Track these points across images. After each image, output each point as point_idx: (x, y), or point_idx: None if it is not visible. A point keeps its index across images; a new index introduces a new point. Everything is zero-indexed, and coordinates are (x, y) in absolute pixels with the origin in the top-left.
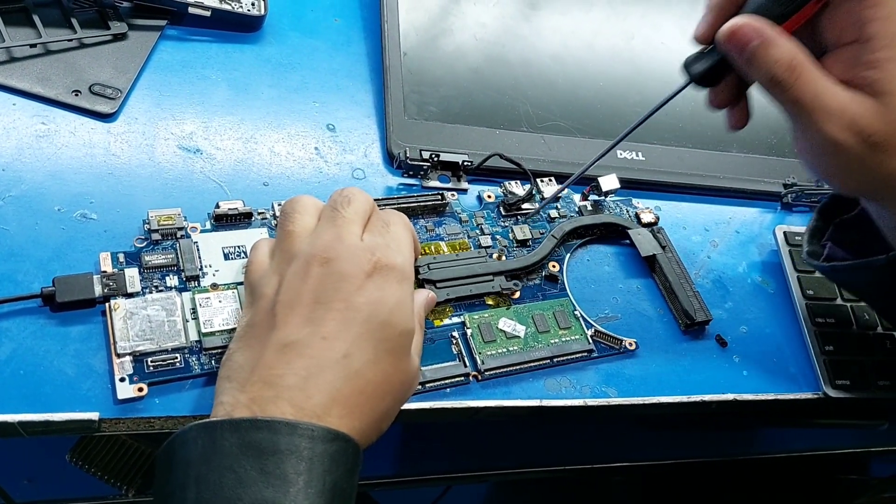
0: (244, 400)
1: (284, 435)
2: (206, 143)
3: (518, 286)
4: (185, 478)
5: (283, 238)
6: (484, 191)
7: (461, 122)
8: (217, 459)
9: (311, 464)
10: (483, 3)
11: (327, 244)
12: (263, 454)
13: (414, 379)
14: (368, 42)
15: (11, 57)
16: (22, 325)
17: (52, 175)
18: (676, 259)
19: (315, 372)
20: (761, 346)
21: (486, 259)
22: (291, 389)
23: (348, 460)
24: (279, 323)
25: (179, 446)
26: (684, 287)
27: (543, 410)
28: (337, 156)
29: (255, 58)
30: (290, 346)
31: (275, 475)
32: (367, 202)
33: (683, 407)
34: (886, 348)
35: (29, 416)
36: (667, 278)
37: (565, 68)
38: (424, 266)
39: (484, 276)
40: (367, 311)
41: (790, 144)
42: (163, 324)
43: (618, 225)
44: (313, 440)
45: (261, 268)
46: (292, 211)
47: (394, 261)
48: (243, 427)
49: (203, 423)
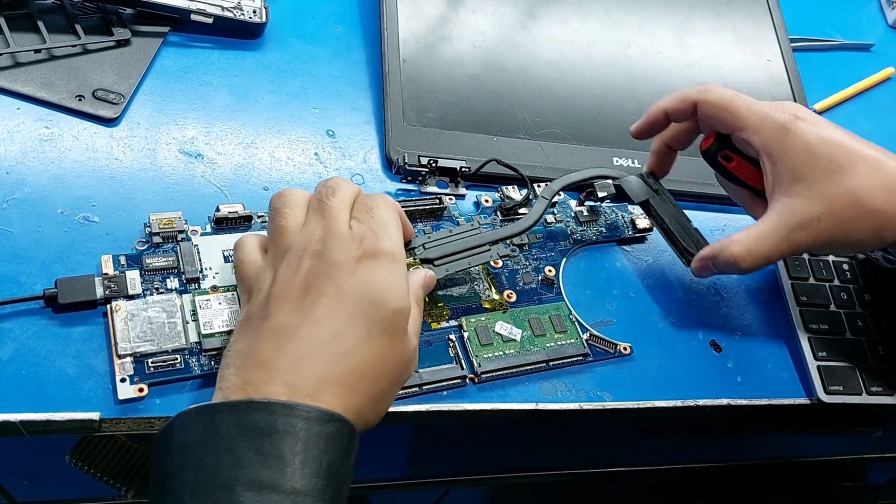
0: (239, 383)
1: (281, 416)
2: (207, 147)
3: (515, 252)
4: (184, 460)
5: (276, 233)
6: (481, 196)
7: (459, 128)
8: (214, 442)
9: (307, 444)
10: (481, 11)
11: (317, 236)
12: (260, 435)
13: (412, 358)
14: (368, 49)
15: (16, 62)
16: (24, 325)
17: (55, 178)
18: (670, 200)
19: (306, 353)
20: (755, 352)
21: (480, 231)
22: (283, 371)
23: (344, 442)
24: (272, 312)
25: (178, 429)
26: (682, 225)
27: (539, 414)
28: (336, 161)
29: (256, 64)
30: (281, 331)
31: (271, 456)
32: (351, 190)
33: (678, 411)
34: (879, 355)
35: (30, 416)
36: (663, 220)
37: (562, 76)
38: (420, 246)
39: (480, 247)
40: (358, 292)
41: None
42: (163, 325)
43: (607, 176)
44: (309, 421)
45: (253, 265)
46: (282, 206)
47: (381, 246)
48: (240, 409)
49: (201, 406)
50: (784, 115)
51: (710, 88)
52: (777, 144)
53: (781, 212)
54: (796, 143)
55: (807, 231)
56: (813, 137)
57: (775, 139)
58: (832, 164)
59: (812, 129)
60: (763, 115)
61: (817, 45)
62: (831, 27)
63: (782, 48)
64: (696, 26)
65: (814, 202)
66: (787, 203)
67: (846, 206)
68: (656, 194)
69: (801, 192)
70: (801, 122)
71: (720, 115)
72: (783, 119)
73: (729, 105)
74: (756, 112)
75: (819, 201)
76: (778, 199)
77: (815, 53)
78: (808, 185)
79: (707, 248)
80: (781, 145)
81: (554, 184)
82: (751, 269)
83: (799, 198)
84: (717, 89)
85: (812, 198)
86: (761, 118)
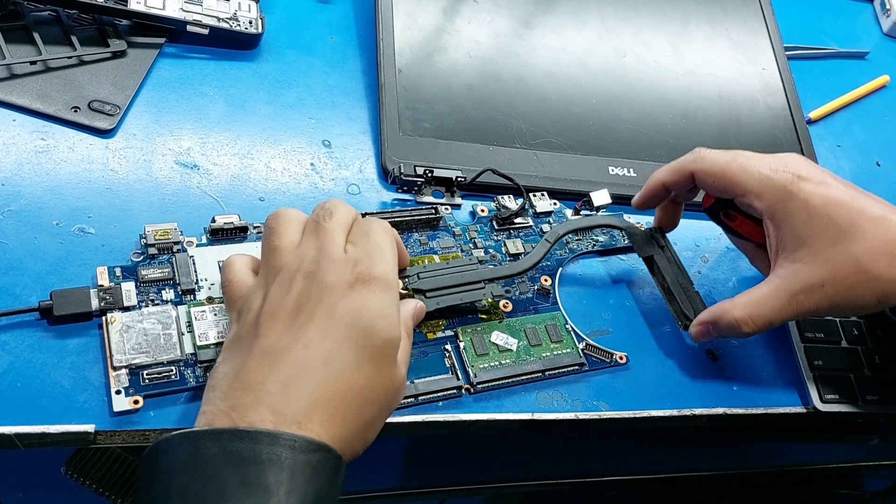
0: (224, 408)
1: (266, 445)
2: (203, 158)
3: (510, 293)
4: (169, 485)
5: (269, 253)
6: (477, 205)
7: (455, 138)
8: (199, 469)
9: (292, 474)
10: (477, 21)
11: (311, 257)
12: (245, 464)
13: (400, 387)
14: (364, 59)
15: (12, 73)
16: (20, 337)
17: (50, 190)
18: (675, 259)
19: (295, 377)
20: (751, 361)
21: (478, 266)
22: (272, 395)
23: (330, 471)
24: (262, 332)
25: (163, 453)
26: (683, 287)
27: (535, 424)
28: (332, 171)
29: (251, 75)
30: (271, 353)
31: (255, 485)
32: (348, 213)
33: (674, 420)
34: (875, 363)
35: (25, 428)
36: (664, 278)
37: (558, 86)
38: (414, 275)
39: (475, 283)
40: (350, 317)
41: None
42: (158, 337)
43: (614, 226)
44: (294, 450)
45: (243, 285)
46: (277, 226)
47: (376, 271)
48: (225, 437)
49: (185, 433)
50: (786, 175)
51: (704, 156)
52: (780, 208)
53: (784, 276)
54: (799, 206)
55: (810, 297)
56: (817, 200)
57: (777, 203)
58: (836, 229)
59: (815, 190)
60: (763, 179)
61: (812, 54)
62: (826, 35)
63: (777, 56)
64: (692, 35)
65: (817, 269)
66: (790, 268)
67: (850, 274)
68: (661, 251)
69: (805, 258)
70: (804, 184)
71: (718, 183)
72: (784, 180)
73: (726, 173)
74: (755, 176)
75: (823, 268)
76: (781, 264)
77: (810, 61)
78: (812, 250)
79: (706, 313)
80: (784, 209)
81: (559, 227)
82: (753, 333)
83: (802, 263)
84: (712, 156)
85: (815, 264)
86: (761, 182)
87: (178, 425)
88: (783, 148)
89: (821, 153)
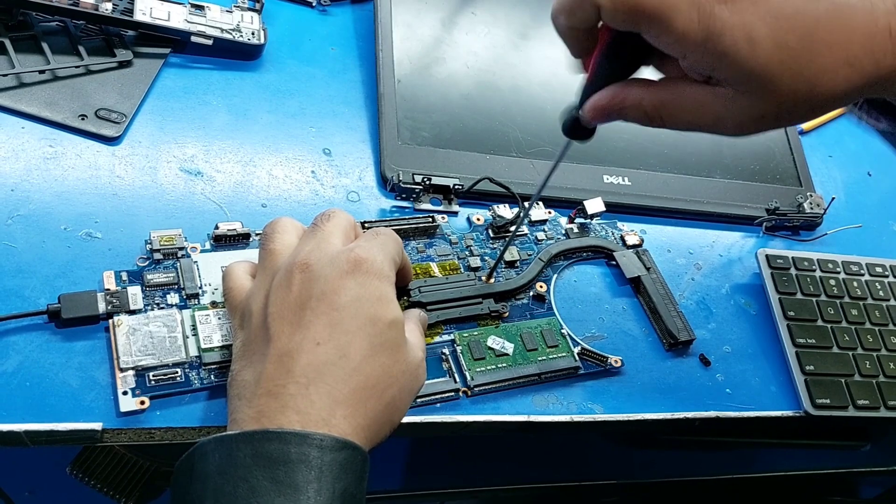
0: (253, 414)
1: (294, 445)
2: (206, 166)
3: (506, 308)
4: (203, 489)
5: (266, 256)
6: (474, 213)
7: (453, 147)
8: (232, 471)
9: (320, 472)
10: (475, 32)
11: (306, 253)
12: (275, 464)
13: (417, 367)
14: (364, 70)
15: (21, 82)
16: (28, 339)
17: (58, 195)
18: (661, 280)
19: (314, 377)
20: (744, 366)
21: (476, 282)
22: (295, 397)
23: (357, 468)
24: (273, 335)
25: (199, 459)
26: (668, 307)
27: (531, 426)
28: (332, 179)
29: (254, 85)
30: (286, 354)
31: (286, 484)
32: (346, 218)
33: (667, 424)
34: (866, 368)
35: (34, 426)
36: (651, 299)
37: (554, 95)
38: (416, 289)
39: (473, 298)
40: (353, 309)
41: (772, 171)
42: (164, 340)
43: (603, 248)
44: (322, 449)
45: (242, 291)
46: (273, 231)
47: (369, 256)
48: (256, 439)
49: (219, 437)
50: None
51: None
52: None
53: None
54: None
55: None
56: None
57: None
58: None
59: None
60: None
61: None
62: None
63: None
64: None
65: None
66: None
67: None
68: (648, 272)
69: None
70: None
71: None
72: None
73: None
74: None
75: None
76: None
77: None
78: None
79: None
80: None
81: (552, 247)
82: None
83: None
84: None
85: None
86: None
87: (183, 424)
88: (776, 157)
89: (813, 163)
